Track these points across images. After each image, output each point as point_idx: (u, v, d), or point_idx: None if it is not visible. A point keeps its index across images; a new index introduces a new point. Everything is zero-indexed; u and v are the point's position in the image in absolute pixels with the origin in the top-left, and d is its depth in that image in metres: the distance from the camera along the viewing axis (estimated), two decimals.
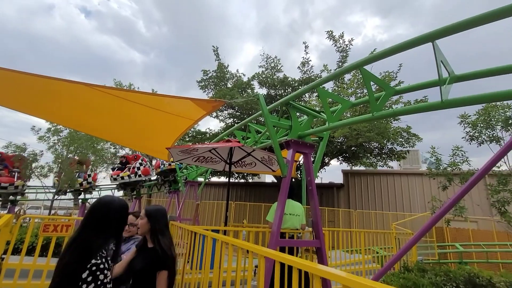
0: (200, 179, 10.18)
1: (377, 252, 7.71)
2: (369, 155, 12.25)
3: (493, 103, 5.39)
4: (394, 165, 14.60)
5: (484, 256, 8.74)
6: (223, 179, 16.60)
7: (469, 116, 5.87)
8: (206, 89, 13.95)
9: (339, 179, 15.75)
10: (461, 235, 10.21)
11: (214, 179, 17.07)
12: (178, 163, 8.78)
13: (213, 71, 13.66)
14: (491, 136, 5.47)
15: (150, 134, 5.89)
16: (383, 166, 13.23)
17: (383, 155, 12.24)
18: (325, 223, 12.29)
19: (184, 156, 4.89)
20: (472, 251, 9.06)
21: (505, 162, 5.34)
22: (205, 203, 16.60)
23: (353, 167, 14.60)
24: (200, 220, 11.15)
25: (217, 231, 3.25)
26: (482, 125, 5.52)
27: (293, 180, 12.36)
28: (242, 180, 16.27)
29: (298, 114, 4.18)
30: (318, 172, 14.39)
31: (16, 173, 8.63)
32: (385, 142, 11.02)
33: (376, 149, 12.11)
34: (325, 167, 13.87)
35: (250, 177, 16.48)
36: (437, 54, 2.25)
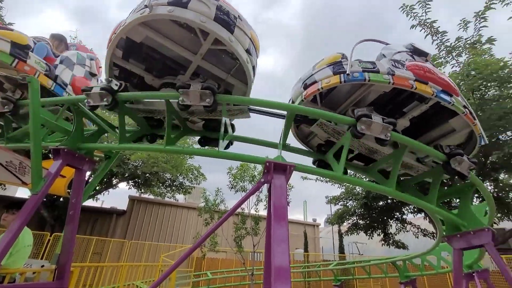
0: None
1: (139, 287, 7.41)
2: (160, 184, 12.45)
3: (246, 163, 7.63)
4: (180, 198, 15.70)
5: (223, 281, 10.90)
6: None
7: (233, 169, 7.91)
8: None
9: (124, 205, 14.45)
10: (214, 264, 12.30)
11: None
12: None
13: None
14: (243, 186, 7.59)
15: None
16: (171, 197, 13.83)
17: (174, 187, 12.91)
18: (87, 256, 10.34)
19: None
20: (217, 277, 11.02)
21: (246, 207, 7.46)
22: None
23: (142, 194, 14.07)
24: None
25: None
26: (238, 178, 7.58)
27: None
28: None
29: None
30: (101, 194, 12.42)
31: None
32: (178, 175, 11.79)
33: (169, 180, 12.60)
34: (110, 189, 12.29)
35: None
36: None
